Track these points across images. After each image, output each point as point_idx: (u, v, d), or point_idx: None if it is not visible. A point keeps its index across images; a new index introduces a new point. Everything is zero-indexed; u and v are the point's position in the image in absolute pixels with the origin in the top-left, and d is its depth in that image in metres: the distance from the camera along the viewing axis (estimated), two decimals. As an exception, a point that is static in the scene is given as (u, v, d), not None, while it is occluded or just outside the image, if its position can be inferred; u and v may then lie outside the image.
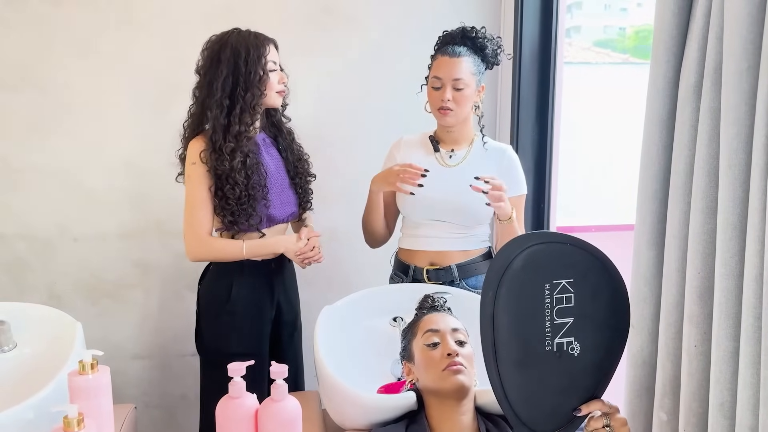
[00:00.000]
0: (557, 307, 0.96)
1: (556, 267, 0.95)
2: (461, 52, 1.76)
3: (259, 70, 1.70)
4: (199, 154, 1.73)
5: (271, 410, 1.19)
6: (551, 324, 0.96)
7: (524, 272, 0.95)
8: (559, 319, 0.97)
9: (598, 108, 4.96)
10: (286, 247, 1.82)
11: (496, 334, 0.96)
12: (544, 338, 0.97)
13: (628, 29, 9.90)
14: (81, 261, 2.29)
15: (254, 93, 1.70)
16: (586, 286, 0.96)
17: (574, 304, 0.96)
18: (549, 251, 0.95)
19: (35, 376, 1.52)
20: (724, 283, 1.05)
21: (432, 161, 1.83)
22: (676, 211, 1.18)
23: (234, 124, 1.70)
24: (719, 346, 1.06)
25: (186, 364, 2.41)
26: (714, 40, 1.07)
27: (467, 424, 1.36)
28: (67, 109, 2.20)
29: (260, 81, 1.71)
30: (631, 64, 9.05)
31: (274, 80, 1.75)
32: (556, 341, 0.97)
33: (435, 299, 1.54)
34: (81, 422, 1.08)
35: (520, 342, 0.97)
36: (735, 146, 1.01)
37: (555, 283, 0.95)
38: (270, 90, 1.74)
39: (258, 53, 1.71)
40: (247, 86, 1.70)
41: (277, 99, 1.79)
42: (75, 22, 2.16)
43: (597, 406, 1.03)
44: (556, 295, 0.96)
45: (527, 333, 0.96)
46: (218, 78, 1.70)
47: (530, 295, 0.95)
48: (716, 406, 1.08)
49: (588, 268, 0.96)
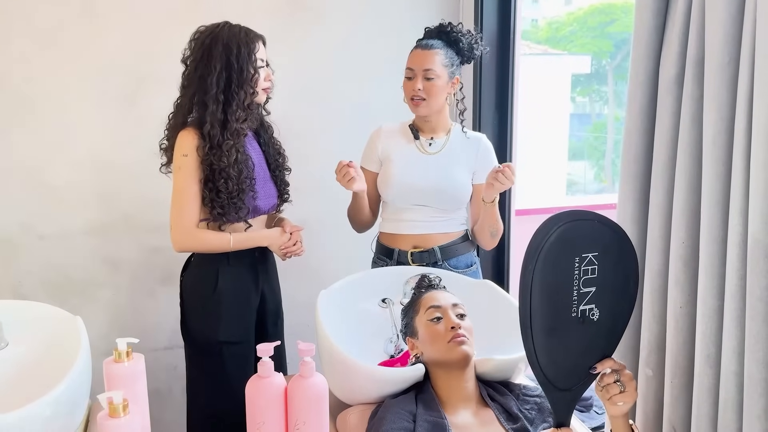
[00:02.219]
0: (584, 278, 1.08)
1: (584, 242, 1.07)
2: (434, 45, 1.85)
3: (250, 68, 1.72)
4: (195, 148, 1.72)
5: (301, 387, 1.25)
6: (578, 293, 1.08)
7: (558, 248, 1.06)
8: (584, 288, 1.09)
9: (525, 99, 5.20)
10: (270, 240, 1.86)
11: (533, 303, 1.07)
12: (571, 306, 1.08)
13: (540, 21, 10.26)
14: (47, 260, 2.23)
15: (247, 91, 1.72)
16: (608, 258, 1.08)
17: (597, 274, 1.08)
18: (579, 228, 1.07)
19: (35, 374, 1.50)
20: (708, 249, 1.20)
21: (412, 149, 1.93)
22: (660, 189, 1.33)
23: (231, 121, 1.72)
24: (705, 305, 1.22)
25: (158, 359, 2.40)
26: (695, 36, 1.22)
27: (471, 390, 1.47)
28: (29, 104, 2.14)
29: (252, 79, 1.73)
30: (550, 55, 9.42)
31: (261, 77, 1.77)
32: (580, 308, 1.09)
33: (431, 278, 1.64)
34: (126, 407, 1.10)
35: (552, 309, 1.08)
36: (719, 128, 1.16)
37: (583, 257, 1.07)
38: (258, 88, 1.77)
39: (249, 50, 1.72)
40: (241, 84, 1.71)
41: (263, 96, 1.82)
42: (35, 13, 2.09)
43: (609, 363, 1.16)
44: (583, 267, 1.07)
45: (558, 301, 1.08)
46: (212, 73, 1.70)
47: (562, 268, 1.07)
48: (703, 357, 1.23)
49: (610, 241, 1.09)
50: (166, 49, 1.82)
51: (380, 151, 1.95)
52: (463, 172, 1.90)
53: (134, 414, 1.12)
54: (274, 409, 1.25)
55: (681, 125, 1.26)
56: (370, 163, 1.98)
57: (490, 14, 2.37)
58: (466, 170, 1.91)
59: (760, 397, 1.11)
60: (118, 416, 1.09)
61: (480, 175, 1.91)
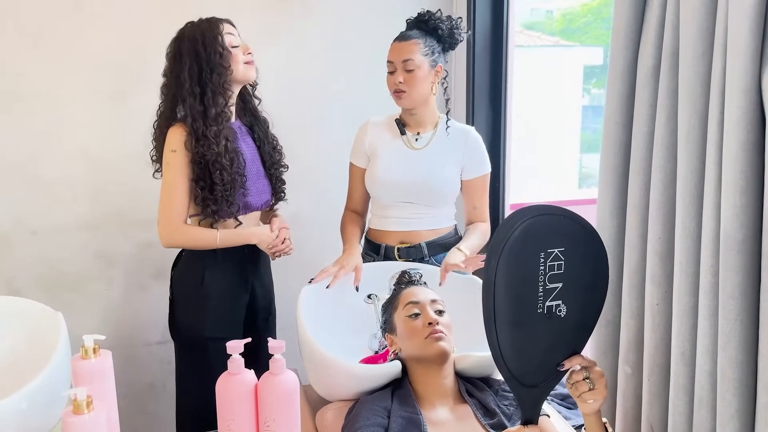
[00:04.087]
0: (549, 274, 1.06)
1: (550, 237, 1.05)
2: (411, 35, 1.82)
3: (218, 47, 1.71)
4: (183, 143, 1.72)
5: (270, 384, 1.24)
6: (543, 288, 1.06)
7: (523, 242, 1.04)
8: (550, 284, 1.07)
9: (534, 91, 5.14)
10: (259, 239, 1.84)
11: (496, 298, 1.05)
12: (537, 301, 1.07)
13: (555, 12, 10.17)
14: (40, 254, 2.25)
15: (220, 72, 1.71)
16: (575, 254, 1.06)
17: (564, 270, 1.06)
18: (545, 222, 1.05)
19: (14, 368, 1.51)
20: (683, 244, 1.18)
21: (399, 144, 1.90)
22: (637, 183, 1.30)
23: (210, 107, 1.71)
24: (680, 302, 1.19)
25: (152, 353, 2.42)
26: (670, 28, 1.19)
27: (449, 387, 1.46)
28: (21, 99, 2.15)
29: (222, 57, 1.71)
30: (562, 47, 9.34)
31: (237, 53, 1.75)
32: (546, 304, 1.07)
33: (412, 274, 1.63)
34: (90, 404, 1.10)
35: (517, 305, 1.06)
36: (693, 122, 1.14)
37: (549, 252, 1.05)
38: (236, 63, 1.75)
39: (213, 33, 1.72)
40: (212, 67, 1.71)
41: (249, 70, 1.79)
42: (26, 9, 2.10)
43: (578, 360, 1.14)
44: (549, 263, 1.05)
45: (522, 297, 1.06)
46: (183, 69, 1.71)
47: (527, 263, 1.05)
48: (678, 355, 1.21)
49: (578, 237, 1.07)
50: (157, 45, 1.82)
51: (367, 145, 1.93)
52: (449, 167, 1.88)
53: (99, 411, 1.12)
54: (244, 406, 1.25)
55: (657, 118, 1.23)
56: (358, 159, 1.96)
57: (484, 6, 2.34)
58: (454, 165, 1.88)
59: (733, 396, 1.09)
60: (82, 413, 1.09)
61: (468, 169, 1.88)
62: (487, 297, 1.06)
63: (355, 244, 1.88)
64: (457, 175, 1.89)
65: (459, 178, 1.89)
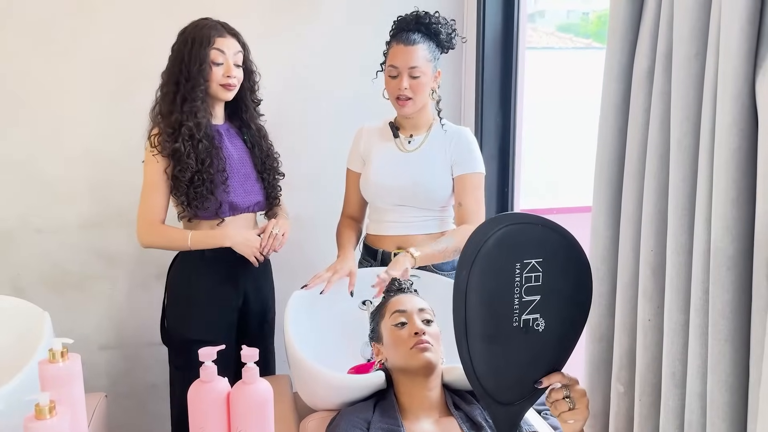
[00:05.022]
0: (526, 286, 1.00)
1: (527, 247, 0.99)
2: (416, 40, 1.76)
3: (199, 60, 1.70)
4: (151, 139, 1.75)
5: (242, 393, 1.21)
6: (519, 301, 1.01)
7: (497, 252, 0.99)
8: (527, 296, 1.01)
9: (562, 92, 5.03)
10: (232, 241, 1.79)
11: (468, 310, 1.00)
12: (512, 315, 1.01)
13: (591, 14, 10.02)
14: (44, 252, 2.26)
15: (194, 83, 1.71)
16: (554, 265, 1.00)
17: (542, 282, 1.00)
18: (521, 232, 0.99)
19: (3, 368, 1.51)
20: (675, 258, 1.10)
21: (391, 147, 1.86)
22: (631, 192, 1.23)
23: (176, 111, 1.72)
24: (671, 319, 1.12)
25: (155, 353, 2.40)
26: (665, 27, 1.12)
27: (435, 399, 1.40)
28: (24, 99, 2.16)
29: (199, 71, 1.71)
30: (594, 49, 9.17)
31: (217, 73, 1.74)
32: (523, 317, 1.01)
33: (401, 282, 1.58)
34: (53, 410, 1.08)
35: (490, 318, 1.01)
36: (685, 129, 1.06)
37: (525, 263, 0.99)
38: (212, 82, 1.74)
39: (202, 43, 1.71)
40: (189, 75, 1.71)
41: (222, 92, 1.77)
42: (27, 8, 2.11)
43: (557, 378, 1.08)
44: (525, 274, 1.00)
45: (497, 310, 1.00)
46: (168, 66, 1.75)
47: (502, 274, 0.99)
48: (668, 375, 1.14)
49: (557, 248, 1.00)
50: (158, 44, 1.82)
51: (362, 150, 1.89)
52: (441, 168, 1.83)
53: (63, 416, 1.10)
54: (214, 414, 1.22)
55: (650, 124, 1.16)
56: (354, 164, 1.93)
57: (494, 6, 2.28)
58: (445, 166, 1.83)
59: (722, 422, 1.01)
60: (44, 418, 1.07)
61: (457, 167, 1.82)
62: (458, 309, 1.01)
63: (349, 249, 1.84)
64: (449, 175, 1.83)
65: (452, 179, 1.84)
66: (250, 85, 1.86)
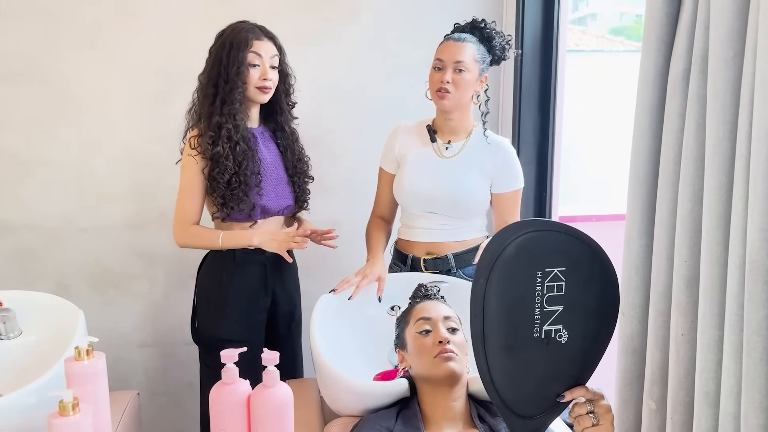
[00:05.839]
0: (548, 295, 0.96)
1: (548, 255, 0.96)
2: (467, 38, 1.77)
3: (237, 63, 1.73)
4: (190, 141, 1.78)
5: (262, 396, 1.21)
6: (540, 311, 0.97)
7: (517, 259, 0.95)
8: (549, 306, 0.97)
9: (610, 96, 4.90)
10: (260, 239, 1.80)
11: (486, 319, 0.97)
12: (533, 325, 0.97)
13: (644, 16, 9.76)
14: (87, 251, 2.33)
15: (232, 86, 1.73)
16: (577, 275, 0.96)
17: (565, 292, 0.96)
18: (542, 239, 0.96)
19: (40, 363, 1.55)
20: (709, 271, 1.05)
21: (428, 151, 1.84)
22: (665, 200, 1.18)
23: (215, 114, 1.74)
24: (704, 335, 1.07)
25: (190, 352, 2.43)
26: (701, 28, 1.07)
27: (459, 410, 1.37)
28: (71, 102, 2.23)
29: (237, 74, 1.73)
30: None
31: (254, 75, 1.76)
32: (544, 328, 0.98)
33: (428, 288, 1.56)
34: (76, 406, 1.10)
35: (509, 328, 0.97)
36: (720, 134, 1.01)
37: (547, 271, 0.95)
38: (249, 84, 1.76)
39: (240, 47, 1.73)
40: (227, 77, 1.74)
41: (259, 95, 1.79)
42: (77, 15, 2.18)
43: (581, 392, 1.04)
44: (547, 283, 0.96)
45: (516, 319, 0.97)
46: (206, 69, 1.78)
47: (521, 282, 0.96)
48: (702, 394, 1.08)
49: (580, 256, 0.96)
50: (197, 48, 1.85)
51: (397, 151, 1.87)
52: (479, 178, 1.79)
53: (86, 413, 1.12)
54: (235, 416, 1.22)
55: (686, 128, 1.11)
56: (388, 164, 1.91)
57: (534, 9, 2.24)
58: (483, 176, 1.80)
59: (757, 446, 0.95)
60: (67, 415, 1.10)
61: (498, 183, 1.79)
62: (476, 317, 0.98)
63: (379, 253, 1.82)
64: (485, 187, 1.80)
65: (488, 190, 1.80)
66: (286, 88, 1.87)
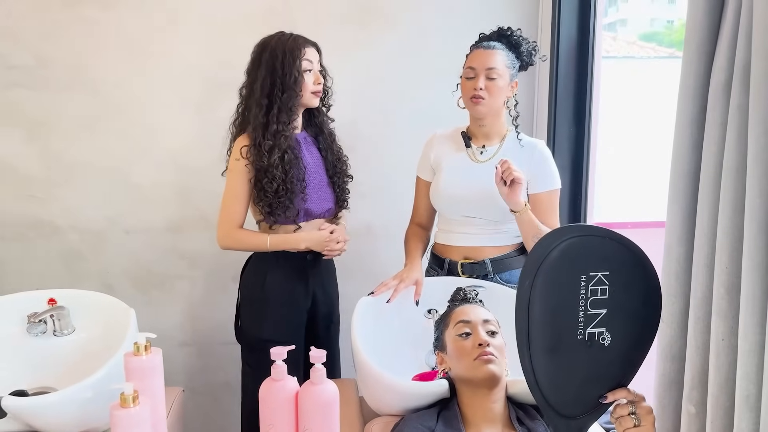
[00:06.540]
0: (591, 299, 1.00)
1: (592, 259, 0.99)
2: (496, 46, 1.81)
3: (294, 71, 1.78)
4: (241, 150, 1.82)
5: (310, 393, 1.25)
6: (584, 314, 1.00)
7: (561, 263, 0.99)
8: (592, 309, 1.00)
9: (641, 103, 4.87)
10: (308, 243, 1.87)
11: (531, 322, 1.00)
12: (577, 327, 1.00)
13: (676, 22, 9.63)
14: (131, 252, 2.40)
15: (290, 94, 1.79)
16: (620, 279, 0.99)
17: (608, 296, 0.99)
18: (586, 244, 0.99)
19: (92, 358, 1.62)
20: (750, 277, 1.07)
21: (463, 156, 1.87)
22: (705, 208, 1.20)
23: (272, 123, 1.79)
24: (746, 339, 1.09)
25: (230, 352, 2.50)
26: (743, 39, 1.09)
27: (498, 412, 1.40)
28: (118, 108, 2.31)
29: (295, 82, 1.78)
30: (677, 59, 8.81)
31: (309, 81, 1.82)
32: (588, 331, 1.01)
33: (467, 291, 1.59)
34: (136, 399, 1.16)
35: (553, 330, 1.01)
36: (762, 143, 1.03)
37: (591, 275, 0.99)
38: (305, 91, 1.82)
39: (293, 55, 1.78)
40: (284, 87, 1.78)
41: (313, 99, 1.85)
42: (124, 24, 2.26)
43: (623, 394, 1.06)
44: (591, 287, 0.99)
45: (561, 322, 1.00)
46: (258, 79, 1.80)
47: (566, 286, 0.99)
48: (742, 398, 1.10)
49: (624, 261, 0.99)
50: (241, 57, 1.91)
51: (433, 159, 1.91)
52: None
53: (145, 405, 1.18)
54: (283, 412, 1.27)
55: (727, 138, 1.13)
56: (424, 172, 1.95)
57: (570, 15, 2.26)
58: None
59: (799, 450, 0.97)
60: (128, 407, 1.15)
61: (535, 183, 1.82)
62: (521, 320, 1.01)
63: (416, 257, 1.86)
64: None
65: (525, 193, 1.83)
66: (324, 90, 1.93)
